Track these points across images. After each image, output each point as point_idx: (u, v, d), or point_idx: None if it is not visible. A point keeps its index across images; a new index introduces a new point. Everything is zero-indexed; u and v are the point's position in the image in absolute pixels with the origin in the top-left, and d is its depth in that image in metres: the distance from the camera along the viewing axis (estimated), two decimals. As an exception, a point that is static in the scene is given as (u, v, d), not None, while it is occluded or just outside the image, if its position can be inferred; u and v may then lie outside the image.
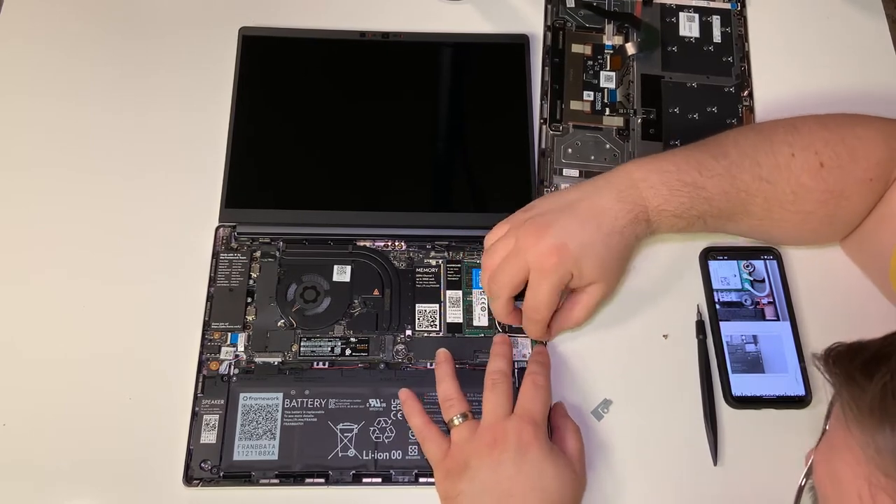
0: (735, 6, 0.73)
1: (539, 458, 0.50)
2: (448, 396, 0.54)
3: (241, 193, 0.63)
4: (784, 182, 0.55)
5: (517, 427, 0.51)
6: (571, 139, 0.67)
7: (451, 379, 0.55)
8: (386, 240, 0.63)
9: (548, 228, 0.54)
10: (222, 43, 0.69)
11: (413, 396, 0.56)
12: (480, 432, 0.52)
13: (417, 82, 0.69)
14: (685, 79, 0.70)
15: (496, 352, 0.57)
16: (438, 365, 0.57)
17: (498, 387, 0.54)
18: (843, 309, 0.61)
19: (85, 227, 0.63)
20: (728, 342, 0.59)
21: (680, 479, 0.56)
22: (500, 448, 0.50)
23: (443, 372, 0.56)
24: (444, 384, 0.55)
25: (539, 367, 0.56)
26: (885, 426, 0.35)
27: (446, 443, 0.53)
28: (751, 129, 0.59)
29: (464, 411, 0.53)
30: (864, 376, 0.36)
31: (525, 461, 0.50)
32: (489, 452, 0.50)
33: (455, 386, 0.55)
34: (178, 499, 0.54)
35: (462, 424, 0.53)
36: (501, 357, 0.56)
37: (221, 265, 0.61)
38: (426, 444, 0.54)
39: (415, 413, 0.55)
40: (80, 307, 0.60)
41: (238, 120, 0.66)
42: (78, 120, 0.67)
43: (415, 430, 0.55)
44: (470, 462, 0.51)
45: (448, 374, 0.56)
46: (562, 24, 0.72)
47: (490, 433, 0.51)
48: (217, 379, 0.57)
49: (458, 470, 0.51)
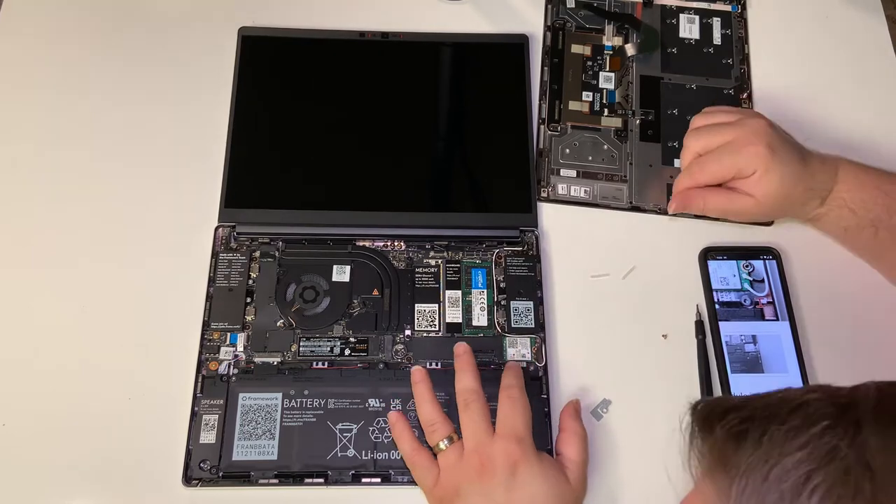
0: (735, 8, 0.73)
1: (529, 478, 0.49)
2: (430, 420, 0.53)
3: (240, 193, 0.63)
4: None
5: (503, 448, 0.50)
6: (569, 139, 0.67)
7: (432, 401, 0.54)
8: (385, 240, 0.63)
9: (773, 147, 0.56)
10: (222, 43, 0.69)
11: (402, 419, 0.54)
12: (467, 457, 0.51)
13: (417, 82, 0.69)
14: (684, 80, 0.70)
15: (460, 366, 0.55)
16: (416, 385, 0.55)
17: (471, 406, 0.52)
18: (843, 309, 0.61)
19: (84, 226, 0.63)
20: (727, 342, 0.59)
21: (680, 479, 0.56)
22: (489, 474, 0.49)
23: (421, 393, 0.54)
24: (424, 407, 0.53)
25: (512, 380, 0.54)
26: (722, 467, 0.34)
27: (436, 468, 0.52)
28: None
29: (449, 434, 0.52)
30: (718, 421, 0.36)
31: (516, 484, 0.49)
32: (479, 479, 0.49)
33: (436, 408, 0.53)
34: (177, 499, 0.54)
35: (449, 449, 0.52)
36: (466, 372, 0.54)
37: (221, 265, 0.61)
38: (416, 470, 0.53)
39: (404, 438, 0.53)
40: (80, 307, 0.60)
41: (237, 120, 0.66)
42: (77, 120, 0.67)
43: (404, 456, 0.53)
44: (460, 489, 0.50)
45: (427, 396, 0.54)
46: (562, 24, 0.72)
47: (476, 458, 0.50)
48: (216, 379, 0.57)
49: (449, 497, 0.50)
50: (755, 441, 0.33)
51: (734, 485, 0.33)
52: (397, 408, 0.56)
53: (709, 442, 0.36)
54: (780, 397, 0.35)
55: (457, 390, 0.54)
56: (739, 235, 0.64)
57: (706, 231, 0.64)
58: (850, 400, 0.33)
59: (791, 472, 0.31)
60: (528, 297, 0.61)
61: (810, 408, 0.33)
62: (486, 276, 0.62)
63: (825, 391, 0.34)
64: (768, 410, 0.34)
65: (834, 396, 0.34)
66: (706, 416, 0.36)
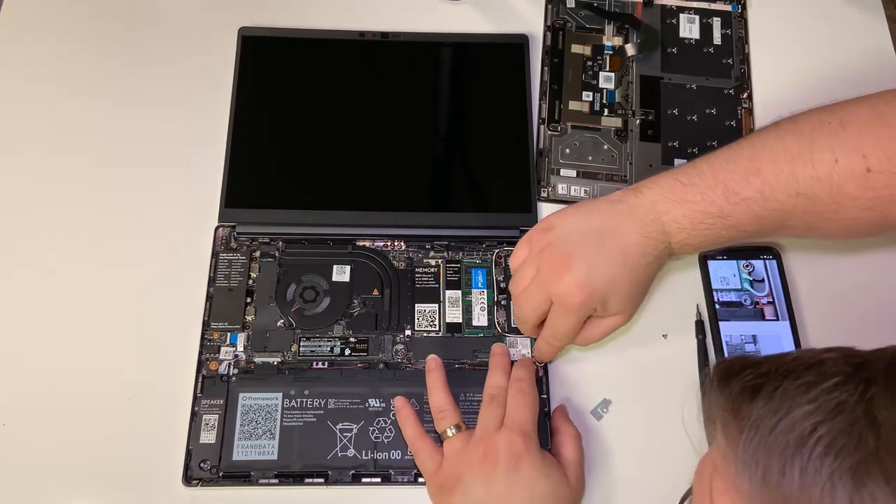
0: (735, 8, 0.73)
1: (530, 473, 0.50)
2: (441, 407, 0.54)
3: (240, 193, 0.63)
4: (825, 195, 0.50)
5: (507, 440, 0.50)
6: (569, 139, 0.67)
7: (443, 388, 0.55)
8: (385, 240, 0.63)
9: (570, 261, 0.52)
10: (222, 43, 0.69)
11: (408, 405, 0.55)
12: (472, 445, 0.51)
13: (417, 82, 0.69)
14: (684, 80, 0.70)
15: (496, 364, 0.56)
16: (430, 373, 0.56)
17: (496, 401, 0.53)
18: (843, 309, 0.61)
19: (84, 226, 0.63)
20: (727, 342, 0.59)
21: (679, 480, 0.56)
22: (492, 464, 0.50)
23: (434, 381, 0.55)
24: (435, 394, 0.55)
25: (524, 373, 0.55)
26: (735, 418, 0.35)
27: (439, 455, 0.52)
28: (790, 131, 0.53)
29: (457, 422, 0.53)
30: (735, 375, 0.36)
31: (517, 478, 0.49)
32: (481, 468, 0.50)
33: (447, 396, 0.54)
34: (177, 499, 0.54)
35: (455, 436, 0.52)
36: (501, 371, 0.55)
37: (221, 265, 0.61)
38: (419, 456, 0.53)
39: (409, 424, 0.54)
40: (80, 307, 0.60)
41: (238, 120, 0.66)
42: (77, 120, 0.67)
43: (408, 441, 0.54)
44: (462, 477, 0.50)
45: (440, 384, 0.55)
46: (562, 24, 0.72)
47: (481, 447, 0.51)
48: (216, 379, 0.57)
49: (450, 485, 0.51)
50: (768, 395, 0.34)
51: (743, 434, 0.34)
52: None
53: (724, 395, 0.36)
54: (798, 356, 0.36)
55: (487, 384, 0.55)
56: (739, 235, 0.64)
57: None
58: (866, 360, 0.34)
59: (798, 424, 0.32)
60: (529, 297, 0.61)
61: (825, 365, 0.34)
62: (486, 276, 0.62)
63: (843, 351, 0.35)
64: (785, 367, 0.35)
65: (850, 356, 0.34)
66: (725, 371, 0.37)
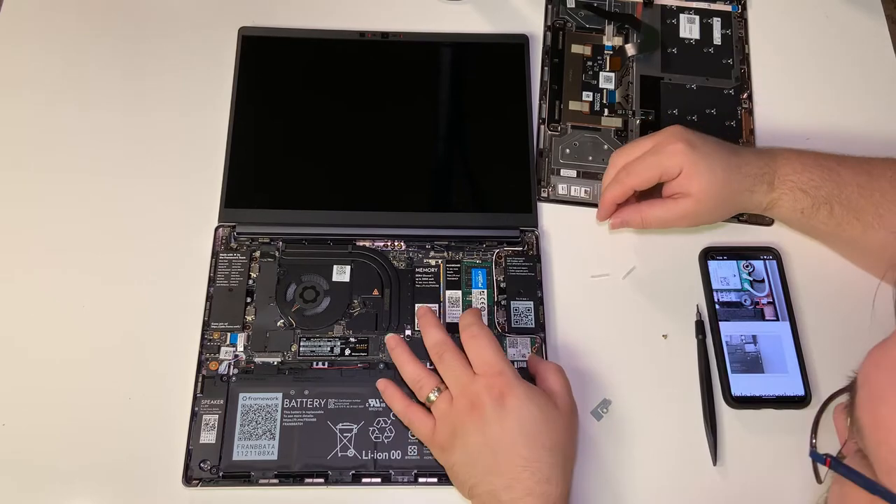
0: (736, 8, 0.73)
1: (516, 403, 0.50)
2: (415, 377, 0.54)
3: (240, 193, 0.63)
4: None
5: (486, 384, 0.51)
6: (570, 139, 0.67)
7: (412, 360, 0.55)
8: (385, 240, 0.63)
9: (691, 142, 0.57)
10: (222, 43, 0.69)
11: (391, 384, 0.56)
12: (456, 401, 0.52)
13: (417, 82, 0.69)
14: (685, 80, 0.70)
15: (423, 324, 0.56)
16: (393, 351, 0.56)
17: (445, 356, 0.54)
18: (843, 309, 0.61)
19: (84, 226, 0.63)
20: (727, 342, 0.59)
21: (679, 480, 0.56)
22: (479, 411, 0.51)
23: (400, 356, 0.56)
24: (406, 368, 0.55)
25: (469, 319, 0.55)
26: None
27: (431, 420, 0.53)
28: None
29: (436, 385, 0.53)
30: None
31: (506, 413, 0.50)
32: (470, 417, 0.51)
33: (418, 365, 0.55)
34: (177, 499, 0.54)
35: (439, 398, 0.53)
36: (431, 326, 0.56)
37: (221, 265, 0.61)
38: (413, 425, 0.54)
39: (395, 398, 0.55)
40: (80, 307, 0.60)
41: (237, 120, 0.66)
42: (77, 120, 0.67)
43: (398, 414, 0.55)
44: (457, 432, 0.51)
45: (407, 357, 0.56)
46: (562, 24, 0.72)
47: (464, 399, 0.52)
48: (216, 379, 0.57)
49: (448, 442, 0.52)
50: None
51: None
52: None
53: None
54: None
55: (427, 347, 0.55)
56: (740, 235, 0.64)
57: (707, 231, 0.64)
58: None
59: None
60: (529, 297, 0.61)
61: None
62: (486, 276, 0.62)
63: None
64: None
65: None
66: None
